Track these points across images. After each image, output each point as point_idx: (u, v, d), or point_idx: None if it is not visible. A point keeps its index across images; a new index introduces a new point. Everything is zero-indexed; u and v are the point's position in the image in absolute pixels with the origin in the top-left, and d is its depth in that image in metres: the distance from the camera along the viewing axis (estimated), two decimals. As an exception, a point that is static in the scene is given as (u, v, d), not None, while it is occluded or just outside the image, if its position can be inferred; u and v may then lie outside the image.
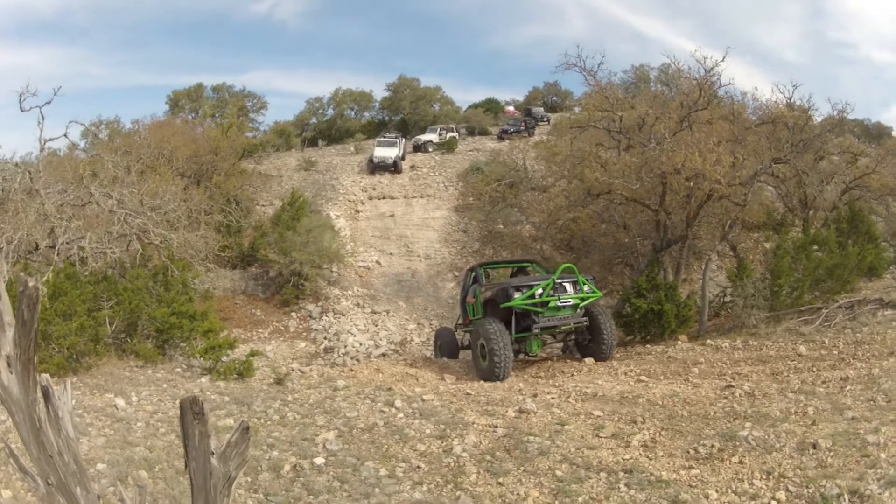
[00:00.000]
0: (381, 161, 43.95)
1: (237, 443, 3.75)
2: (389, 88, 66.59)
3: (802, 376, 11.94)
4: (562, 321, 16.52)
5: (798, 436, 8.20)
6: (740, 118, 23.82)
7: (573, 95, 69.25)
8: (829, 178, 25.35)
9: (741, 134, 22.18)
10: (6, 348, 3.76)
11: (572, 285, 16.69)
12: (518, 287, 16.48)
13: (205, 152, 34.78)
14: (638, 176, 20.54)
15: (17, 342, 3.68)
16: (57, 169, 23.78)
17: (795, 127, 23.12)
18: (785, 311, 17.29)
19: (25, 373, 3.71)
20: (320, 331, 24.94)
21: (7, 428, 8.77)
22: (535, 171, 31.31)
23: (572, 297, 16.42)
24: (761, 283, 17.75)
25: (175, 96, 60.54)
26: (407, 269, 31.23)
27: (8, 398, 3.74)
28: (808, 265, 18.09)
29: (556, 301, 16.18)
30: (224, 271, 29.02)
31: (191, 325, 16.28)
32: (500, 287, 17.07)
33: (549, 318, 16.33)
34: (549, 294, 16.09)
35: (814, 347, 14.43)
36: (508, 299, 16.19)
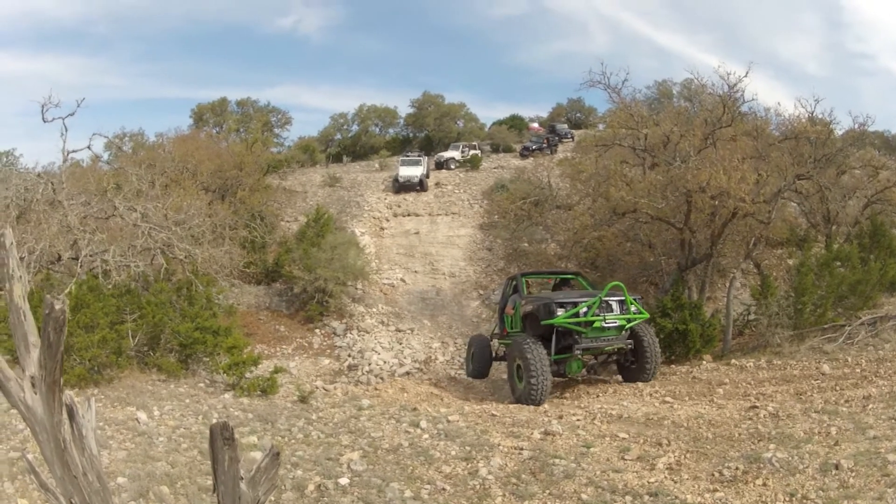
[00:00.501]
0: (406, 180, 43.68)
1: (267, 468, 3.72)
2: (414, 105, 66.71)
3: (826, 395, 11.90)
4: (606, 342, 15.78)
5: (821, 457, 8.18)
6: (763, 134, 23.68)
7: (597, 112, 69.25)
8: (851, 193, 25.12)
9: (765, 150, 22.05)
10: (31, 369, 3.74)
11: (619, 304, 15.86)
12: (562, 303, 15.67)
13: (229, 167, 34.85)
14: (663, 195, 20.45)
15: (42, 363, 3.66)
16: (80, 180, 23.87)
17: (818, 141, 22.96)
18: (809, 328, 17.11)
19: (51, 394, 3.69)
20: (344, 348, 24.89)
21: (25, 437, 8.79)
22: (560, 188, 31.21)
23: (618, 318, 15.63)
24: (785, 301, 17.57)
25: (199, 110, 60.96)
26: (432, 287, 31.16)
27: (32, 418, 3.73)
28: (832, 282, 17.89)
29: (602, 321, 15.39)
30: (248, 287, 29.06)
31: (215, 341, 16.30)
32: (542, 302, 16.17)
33: (592, 338, 15.58)
34: (594, 313, 15.37)
35: (837, 366, 14.37)
36: (551, 316, 15.46)
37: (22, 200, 19.73)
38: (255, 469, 3.69)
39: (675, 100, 53.49)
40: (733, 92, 21.67)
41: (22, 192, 19.77)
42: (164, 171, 29.21)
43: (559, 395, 16.03)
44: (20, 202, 19.68)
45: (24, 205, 19.78)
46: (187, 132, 46.61)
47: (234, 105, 63.06)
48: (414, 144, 64.10)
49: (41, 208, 19.28)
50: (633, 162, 23.63)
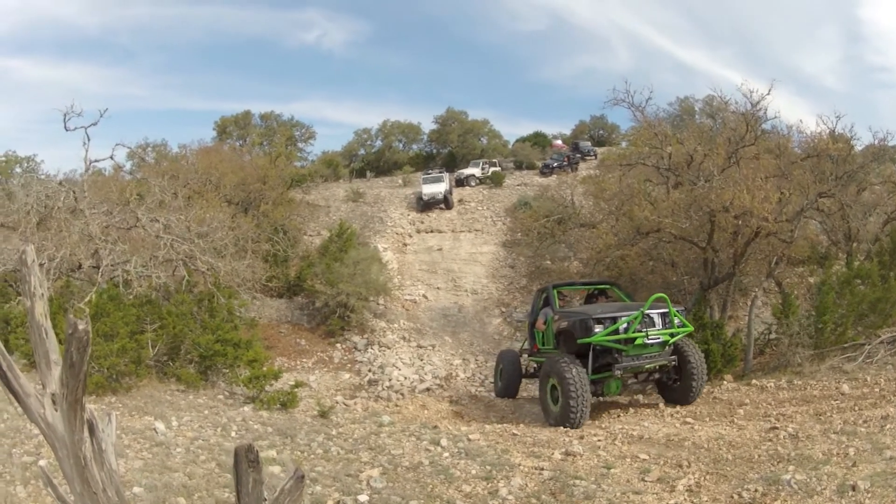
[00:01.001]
0: (431, 198, 43.44)
1: (291, 490, 3.66)
2: (437, 121, 66.96)
3: (845, 416, 11.79)
4: (648, 360, 14.51)
5: (839, 478, 8.10)
6: (786, 152, 23.52)
7: (620, 129, 69.23)
8: (871, 210, 24.88)
9: (787, 169, 21.90)
10: (52, 386, 3.72)
11: (661, 317, 14.59)
12: (600, 319, 14.28)
13: (253, 180, 34.97)
14: (687, 214, 20.37)
15: (63, 382, 3.64)
16: (102, 189, 23.99)
17: (839, 158, 22.79)
18: (829, 348, 16.92)
19: (72, 412, 3.67)
20: (365, 363, 24.85)
21: (40, 442, 8.78)
22: (583, 206, 31.14)
23: (661, 333, 14.39)
24: (806, 321, 17.38)
25: (223, 123, 61.39)
26: (454, 304, 31.10)
27: (52, 434, 3.70)
28: (852, 300, 17.66)
29: (644, 337, 14.13)
30: (270, 300, 29.12)
31: (235, 353, 16.33)
32: (578, 318, 14.72)
33: (633, 356, 14.36)
34: (635, 329, 14.08)
35: (856, 385, 14.24)
36: (588, 334, 14.19)
37: (43, 207, 19.80)
38: (279, 491, 3.64)
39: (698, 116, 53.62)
40: (756, 109, 21.64)
41: (43, 199, 19.84)
42: (187, 183, 29.32)
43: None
44: (41, 209, 19.75)
45: (45, 212, 19.86)
46: (211, 144, 47.04)
47: (257, 118, 63.49)
48: (437, 161, 64.24)
49: (62, 216, 19.34)
50: (657, 180, 23.58)
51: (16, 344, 15.32)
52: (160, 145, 49.66)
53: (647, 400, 16.52)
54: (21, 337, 15.06)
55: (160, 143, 49.90)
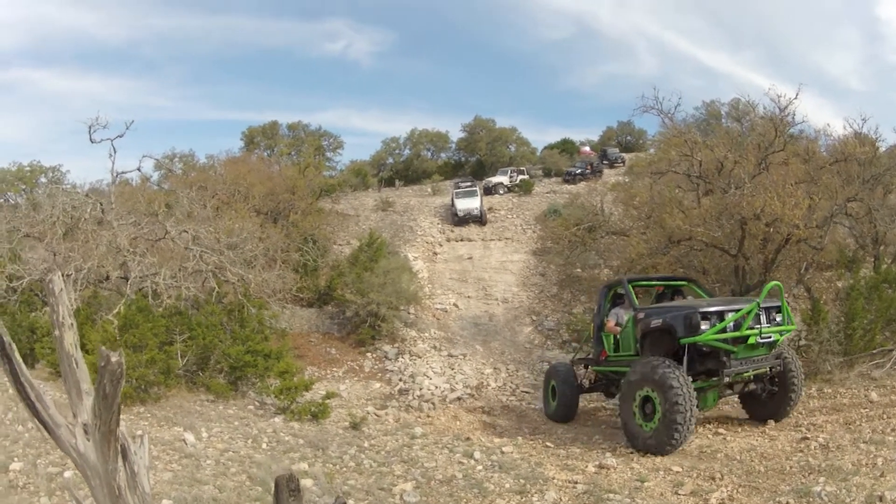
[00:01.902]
0: (466, 213, 42.80)
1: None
2: (465, 129, 67.05)
3: (874, 424, 11.67)
4: (755, 364, 12.46)
5: (867, 489, 8.05)
6: (814, 157, 23.31)
7: (647, 134, 69.08)
8: (897, 212, 24.61)
9: (816, 174, 21.71)
10: (83, 416, 3.70)
11: (766, 312, 12.45)
12: (706, 314, 12.01)
13: (282, 191, 35.06)
14: (718, 222, 20.23)
15: (96, 412, 3.61)
16: (129, 200, 24.07)
17: (865, 161, 22.54)
18: (858, 354, 16.66)
19: (105, 442, 3.64)
20: (395, 372, 24.78)
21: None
22: (613, 213, 30.97)
23: (773, 331, 12.32)
24: (835, 327, 17.13)
25: (250, 133, 61.71)
26: (484, 313, 30.99)
27: (84, 464, 3.68)
28: (881, 305, 17.36)
29: (757, 336, 12.04)
30: (300, 309, 29.15)
31: (266, 364, 16.32)
32: (681, 313, 12.40)
33: (742, 359, 12.25)
34: (748, 325, 11.92)
35: (884, 393, 14.07)
36: (695, 331, 11.89)
37: (69, 218, 19.90)
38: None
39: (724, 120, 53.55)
40: (784, 115, 21.51)
41: (69, 211, 19.93)
42: (216, 194, 29.44)
43: (611, 426, 15.77)
44: (67, 220, 19.86)
45: (71, 223, 19.97)
46: (238, 155, 47.35)
47: (284, 128, 63.78)
48: (465, 169, 64.29)
49: (89, 227, 19.44)
50: (686, 187, 23.43)
51: (41, 353, 15.44)
52: (187, 156, 50.18)
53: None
54: (47, 346, 15.15)
55: (187, 154, 50.42)
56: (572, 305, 30.01)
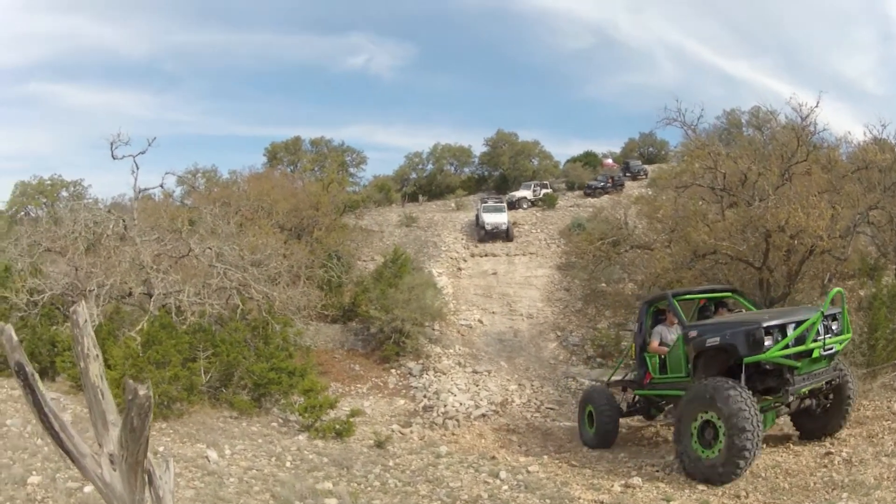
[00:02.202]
0: (494, 227, 42.49)
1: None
2: (488, 143, 67.27)
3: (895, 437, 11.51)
4: (817, 378, 11.49)
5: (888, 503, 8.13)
6: (836, 166, 23.15)
7: (669, 145, 68.95)
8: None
9: (838, 183, 21.57)
10: (109, 446, 3.70)
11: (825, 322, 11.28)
12: (769, 329, 10.88)
13: (305, 207, 35.21)
14: (743, 236, 20.12)
15: (123, 444, 3.61)
16: (152, 215, 24.16)
17: (885, 168, 22.35)
18: (881, 365, 16.42)
19: (132, 473, 3.64)
20: (420, 389, 24.73)
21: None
22: (636, 226, 30.86)
23: (835, 342, 11.39)
24: (858, 338, 16.89)
25: (273, 149, 62.10)
26: (509, 329, 30.91)
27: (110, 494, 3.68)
28: (903, 314, 17.15)
29: (821, 348, 11.06)
30: (324, 325, 29.18)
31: (290, 381, 16.30)
32: (739, 329, 11.15)
33: (805, 374, 11.30)
34: (812, 338, 10.85)
35: (906, 403, 13.92)
36: (758, 349, 10.78)
37: (91, 234, 19.98)
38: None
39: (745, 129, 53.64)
40: (806, 124, 21.45)
41: (91, 227, 20.02)
42: (239, 210, 29.57)
43: (636, 443, 15.66)
44: (89, 236, 19.94)
45: (93, 238, 20.05)
46: (262, 170, 47.59)
47: (307, 144, 64.06)
48: (489, 183, 64.35)
49: (111, 244, 19.51)
50: (710, 198, 23.34)
51: (62, 367, 15.57)
52: (210, 171, 50.59)
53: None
54: (68, 360, 15.23)
55: (210, 170, 50.83)
56: (597, 321, 29.90)
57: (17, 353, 3.74)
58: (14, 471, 8.41)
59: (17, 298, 17.11)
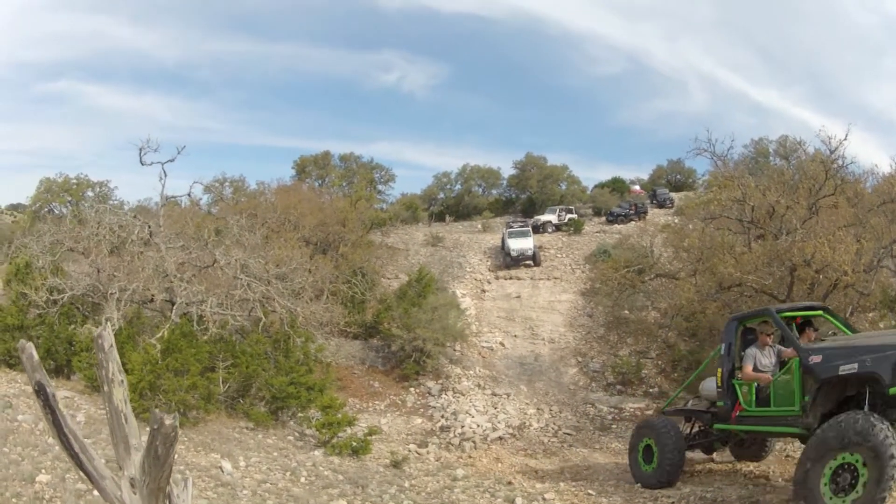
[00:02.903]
0: (520, 254, 41.80)
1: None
2: (517, 166, 67.20)
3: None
4: None
5: None
6: (862, 199, 23.02)
7: (697, 173, 68.76)
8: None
9: (864, 216, 21.44)
10: (130, 470, 3.75)
11: None
12: None
13: (332, 222, 35.28)
14: (769, 269, 20.04)
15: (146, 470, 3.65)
16: (177, 221, 24.25)
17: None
18: None
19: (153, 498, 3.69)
20: (438, 408, 24.71)
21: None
22: (662, 255, 30.70)
23: None
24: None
25: (302, 162, 62.24)
26: (530, 353, 30.83)
27: (129, 516, 3.70)
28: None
29: None
30: (345, 341, 29.24)
31: (308, 396, 16.34)
32: (883, 354, 9.44)
33: None
34: None
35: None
36: None
37: (115, 238, 20.06)
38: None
39: (772, 158, 53.63)
40: (835, 157, 21.47)
41: (116, 230, 20.10)
42: (265, 222, 29.67)
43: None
44: (113, 239, 20.02)
45: (118, 242, 20.12)
46: (290, 183, 47.76)
47: (337, 159, 64.29)
48: (516, 206, 64.35)
49: (136, 249, 19.58)
50: (736, 229, 23.29)
51: (78, 366, 15.72)
52: (238, 181, 50.79)
53: (720, 458, 15.83)
54: (84, 360, 15.34)
55: (237, 179, 51.04)
56: (618, 348, 29.74)
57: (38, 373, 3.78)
58: (23, 467, 8.45)
59: (36, 296, 17.20)
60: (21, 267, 19.06)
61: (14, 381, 14.08)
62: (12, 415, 11.24)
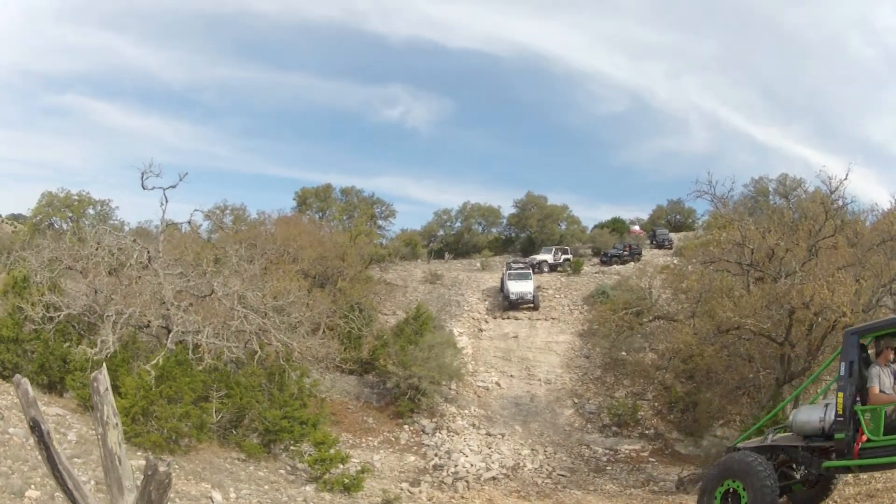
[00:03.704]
0: (519, 297, 40.96)
1: None
2: (517, 205, 67.27)
3: None
4: None
5: None
6: (862, 239, 23.09)
7: (696, 213, 69.02)
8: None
9: (863, 256, 21.50)
10: (123, 511, 3.71)
11: None
12: None
13: (332, 256, 35.24)
14: (768, 312, 20.04)
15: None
16: (177, 247, 24.20)
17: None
18: (894, 434, 16.23)
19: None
20: (431, 447, 24.58)
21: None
22: (660, 296, 30.69)
23: None
24: (872, 408, 16.73)
25: (303, 193, 62.31)
26: (526, 393, 30.71)
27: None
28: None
29: None
30: (340, 376, 29.10)
31: (301, 431, 16.27)
32: None
33: None
34: None
35: (916, 473, 13.54)
36: None
37: (114, 260, 20.00)
38: None
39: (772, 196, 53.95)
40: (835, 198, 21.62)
41: (115, 253, 20.04)
42: (265, 252, 29.62)
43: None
44: (112, 261, 19.96)
45: (116, 264, 20.05)
46: (290, 214, 47.78)
47: (338, 192, 64.40)
48: (516, 245, 64.41)
49: (134, 273, 19.52)
50: (735, 271, 23.34)
51: (72, 385, 15.70)
52: (238, 209, 50.92)
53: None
54: (78, 380, 15.29)
55: (238, 207, 51.17)
56: (615, 389, 29.67)
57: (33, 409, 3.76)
58: (13, 481, 8.36)
59: (32, 311, 17.13)
60: (19, 280, 19.02)
61: (6, 393, 13.99)
62: (3, 426, 11.16)
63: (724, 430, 22.20)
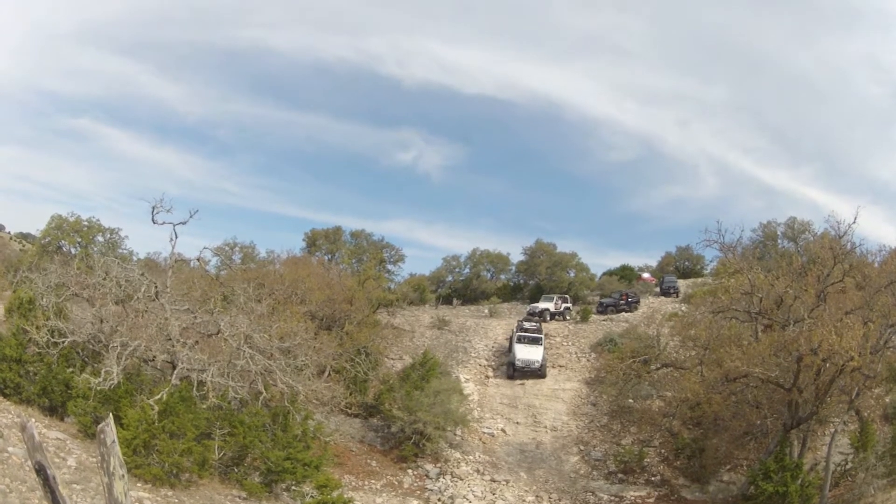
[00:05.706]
0: (526, 365, 37.79)
1: None
2: (526, 252, 67.18)
3: None
4: None
5: None
6: (869, 282, 23.08)
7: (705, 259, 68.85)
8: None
9: (871, 298, 21.47)
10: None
11: None
12: None
13: (339, 299, 35.15)
14: (776, 361, 19.99)
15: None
16: (185, 282, 24.15)
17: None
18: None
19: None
20: (435, 492, 24.41)
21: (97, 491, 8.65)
22: (668, 343, 30.56)
23: None
24: (882, 449, 16.76)
25: (313, 235, 62.29)
26: (532, 440, 30.52)
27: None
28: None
29: None
30: (345, 418, 29.01)
31: (304, 472, 16.20)
32: None
33: None
34: None
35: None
36: None
37: (121, 291, 20.02)
38: None
39: (780, 240, 53.96)
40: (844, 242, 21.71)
41: (123, 284, 20.07)
42: (273, 292, 29.63)
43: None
44: (119, 292, 19.98)
45: (123, 295, 20.07)
46: (299, 255, 47.86)
47: (347, 235, 64.48)
48: (524, 292, 64.27)
49: (141, 306, 19.52)
50: (743, 318, 23.34)
51: (73, 411, 15.81)
52: (248, 247, 51.03)
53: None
54: (80, 407, 15.31)
55: (248, 245, 51.29)
56: (621, 436, 29.46)
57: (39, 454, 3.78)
58: (10, 499, 8.31)
59: (37, 335, 17.15)
60: (24, 301, 19.06)
61: (6, 412, 13.98)
62: (3, 445, 11.13)
63: (731, 476, 22.04)
